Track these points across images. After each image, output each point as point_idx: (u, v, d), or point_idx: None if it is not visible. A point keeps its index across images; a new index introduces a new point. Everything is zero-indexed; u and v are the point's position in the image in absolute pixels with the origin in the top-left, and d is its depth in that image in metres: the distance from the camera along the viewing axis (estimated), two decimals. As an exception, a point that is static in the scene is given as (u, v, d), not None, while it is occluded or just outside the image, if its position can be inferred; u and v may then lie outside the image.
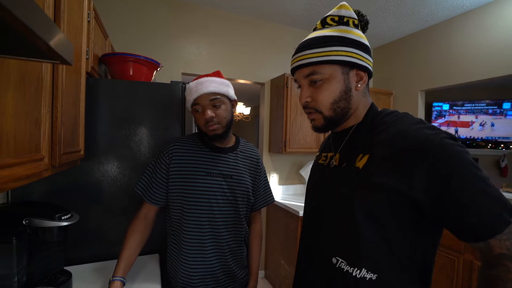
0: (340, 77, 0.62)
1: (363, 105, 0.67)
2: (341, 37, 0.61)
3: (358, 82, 0.64)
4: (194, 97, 0.97)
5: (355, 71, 0.63)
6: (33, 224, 0.79)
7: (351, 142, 0.66)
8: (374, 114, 0.65)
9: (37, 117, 0.63)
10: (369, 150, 0.59)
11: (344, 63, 0.61)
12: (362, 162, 0.59)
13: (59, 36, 0.38)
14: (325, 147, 0.78)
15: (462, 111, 4.11)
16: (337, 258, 0.61)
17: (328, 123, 0.65)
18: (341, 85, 0.62)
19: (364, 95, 0.66)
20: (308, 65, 0.63)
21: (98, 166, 1.22)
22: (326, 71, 0.62)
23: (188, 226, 0.98)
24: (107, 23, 2.03)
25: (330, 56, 0.60)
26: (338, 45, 0.61)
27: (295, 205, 2.35)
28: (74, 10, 0.89)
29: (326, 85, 0.62)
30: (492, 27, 2.26)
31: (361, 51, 0.62)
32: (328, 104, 0.63)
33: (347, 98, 0.63)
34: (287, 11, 2.54)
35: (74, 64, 0.94)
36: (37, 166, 0.63)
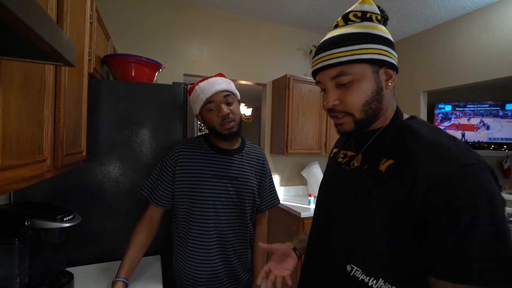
0: (371, 76, 0.57)
1: (391, 106, 0.62)
2: (368, 33, 0.57)
3: (387, 81, 0.59)
4: (207, 95, 0.97)
5: (384, 69, 0.59)
6: (35, 225, 0.79)
7: (376, 144, 0.61)
8: (401, 118, 0.62)
9: (40, 118, 0.63)
10: (394, 155, 0.55)
11: (374, 62, 0.57)
12: (385, 165, 0.56)
13: (62, 37, 0.38)
14: (344, 144, 0.73)
15: (469, 112, 4.09)
16: (352, 266, 0.57)
17: (358, 127, 0.60)
18: (373, 84, 0.57)
19: (392, 95, 0.62)
20: (336, 65, 0.57)
21: (100, 167, 1.22)
22: (356, 71, 0.57)
23: (194, 228, 0.98)
24: (109, 25, 2.04)
25: (360, 55, 0.56)
26: (366, 43, 0.56)
27: (296, 207, 2.34)
28: (77, 12, 0.89)
29: (357, 85, 0.57)
30: (495, 28, 2.25)
31: (388, 47, 0.58)
32: (360, 106, 0.58)
33: (379, 99, 0.58)
34: (288, 11, 2.54)
35: (77, 66, 0.94)
36: (39, 167, 0.63)
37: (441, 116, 4.19)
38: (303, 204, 2.45)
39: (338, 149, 0.75)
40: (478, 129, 4.06)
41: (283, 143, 2.50)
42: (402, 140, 0.56)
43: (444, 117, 4.18)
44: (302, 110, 2.53)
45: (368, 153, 0.62)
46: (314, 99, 2.59)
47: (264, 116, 2.87)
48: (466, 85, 2.50)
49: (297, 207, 2.32)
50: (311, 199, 2.43)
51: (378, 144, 0.61)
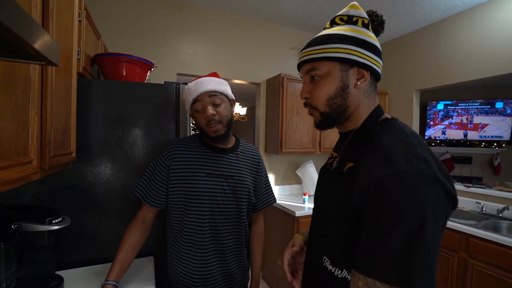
0: (338, 74, 0.61)
1: (365, 106, 0.64)
2: (343, 35, 0.61)
3: (358, 80, 0.62)
4: (194, 96, 0.96)
5: (355, 69, 0.61)
6: (22, 228, 0.77)
7: (348, 147, 0.65)
8: (375, 120, 0.63)
9: (25, 119, 0.61)
10: (355, 159, 0.58)
11: (342, 60, 0.60)
12: (346, 168, 0.60)
13: (44, 36, 0.36)
14: (336, 145, 0.78)
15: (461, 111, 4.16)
16: (324, 257, 0.62)
17: (324, 120, 0.65)
18: (338, 81, 0.61)
19: (367, 95, 0.64)
20: (309, 61, 0.64)
21: (90, 168, 1.20)
22: (324, 68, 0.62)
23: (189, 228, 0.97)
24: (101, 24, 2.01)
25: (328, 53, 0.61)
26: (338, 43, 0.60)
27: (291, 205, 2.35)
28: (64, 9, 0.87)
29: (324, 81, 0.62)
30: (484, 27, 2.28)
31: (364, 49, 0.61)
32: (324, 100, 0.63)
33: (344, 95, 0.62)
34: (283, 11, 2.54)
35: (65, 65, 0.92)
36: (25, 169, 0.61)
37: (442, 114, 4.24)
38: (298, 203, 2.46)
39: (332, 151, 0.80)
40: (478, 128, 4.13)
41: (278, 142, 2.50)
42: (363, 144, 0.59)
43: (445, 115, 4.23)
44: (296, 109, 2.54)
45: (342, 156, 0.66)
46: (308, 98, 2.59)
47: (258, 115, 2.86)
48: (457, 84, 2.53)
49: (292, 206, 2.32)
50: (305, 198, 2.43)
51: (349, 147, 0.64)
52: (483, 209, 2.23)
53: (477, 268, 1.80)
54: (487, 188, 2.36)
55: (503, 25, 2.16)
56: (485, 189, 2.33)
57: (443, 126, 4.26)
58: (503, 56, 2.16)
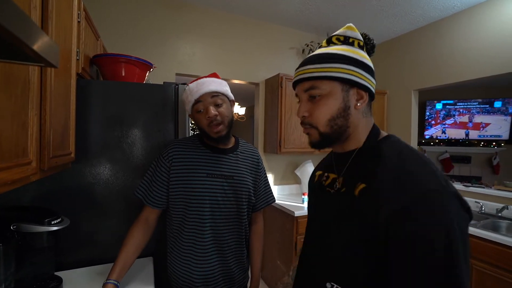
0: (339, 94, 0.61)
1: (364, 126, 0.65)
2: (343, 55, 0.61)
3: (358, 101, 0.62)
4: (195, 97, 0.96)
5: (355, 90, 0.62)
6: (21, 229, 0.77)
7: (353, 167, 0.64)
8: (375, 139, 0.64)
9: (24, 120, 0.61)
10: (367, 179, 0.57)
11: (344, 81, 0.60)
12: (358, 189, 0.58)
13: (43, 38, 0.37)
14: (327, 166, 0.75)
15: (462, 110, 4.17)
16: (331, 284, 0.60)
17: (323, 140, 0.64)
18: (340, 102, 0.61)
19: (365, 115, 0.65)
20: (309, 79, 0.62)
21: (89, 168, 1.20)
22: (325, 87, 0.61)
23: (190, 228, 0.98)
24: (100, 25, 2.00)
25: (330, 73, 0.60)
26: (340, 63, 0.60)
27: (290, 205, 2.35)
28: (63, 11, 0.87)
29: (324, 101, 0.61)
30: (483, 27, 2.29)
31: (363, 70, 0.61)
32: (325, 121, 0.62)
33: (345, 116, 0.62)
34: (281, 11, 2.54)
35: (64, 65, 0.92)
36: (24, 170, 0.61)
37: (443, 112, 4.26)
38: (297, 203, 2.46)
39: (322, 172, 0.76)
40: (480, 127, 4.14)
41: (277, 142, 2.50)
42: (372, 164, 0.59)
43: (446, 114, 4.25)
44: (295, 109, 2.54)
45: (346, 177, 0.64)
46: (307, 98, 2.59)
47: (257, 115, 2.86)
48: (456, 84, 2.54)
49: (291, 206, 2.32)
50: (304, 197, 2.43)
51: (355, 166, 0.63)
52: (482, 209, 2.24)
53: (476, 267, 1.80)
54: (486, 188, 2.36)
55: (500, 25, 2.17)
56: (484, 189, 2.34)
57: (445, 125, 4.27)
58: (501, 56, 2.17)
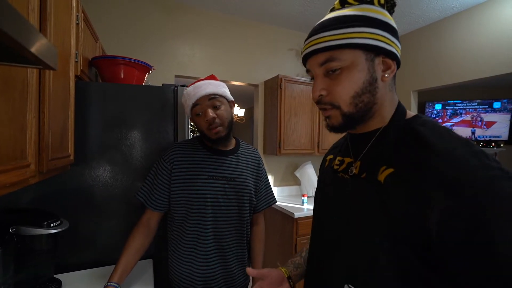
0: (364, 64, 0.50)
1: (390, 102, 0.54)
2: (365, 16, 0.50)
3: (385, 72, 0.51)
4: (193, 100, 0.97)
5: (381, 58, 0.51)
6: (20, 232, 0.77)
7: (375, 148, 0.53)
8: (403, 117, 0.53)
9: (23, 122, 0.61)
10: (395, 163, 0.48)
11: (368, 48, 0.49)
12: (384, 175, 0.48)
13: (41, 41, 0.37)
14: (341, 149, 0.65)
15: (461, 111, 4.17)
16: (349, 286, 0.51)
17: (347, 122, 0.53)
18: (365, 74, 0.50)
19: (391, 89, 0.54)
20: (325, 49, 0.50)
21: (89, 171, 1.20)
22: (346, 57, 0.50)
23: (192, 230, 0.98)
24: (99, 27, 2.01)
25: (352, 39, 0.49)
26: (362, 26, 0.49)
27: (290, 207, 2.35)
28: (62, 13, 0.87)
29: (346, 74, 0.50)
30: (482, 28, 2.30)
31: (389, 34, 0.51)
32: (349, 98, 0.51)
33: (372, 91, 0.51)
34: (281, 12, 2.54)
35: (63, 68, 0.92)
36: (22, 173, 0.61)
37: (450, 112, 4.26)
38: (297, 204, 2.46)
39: (334, 156, 0.66)
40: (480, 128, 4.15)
41: (276, 143, 2.50)
42: (405, 146, 0.48)
43: (453, 113, 4.25)
44: (294, 110, 2.54)
45: (366, 160, 0.54)
46: (306, 99, 2.60)
47: (256, 116, 2.86)
48: (455, 84, 2.54)
49: (290, 207, 2.32)
50: (304, 199, 2.43)
51: (377, 148, 0.53)
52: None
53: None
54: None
55: (499, 25, 2.18)
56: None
57: (451, 123, 4.26)
58: (500, 57, 2.17)
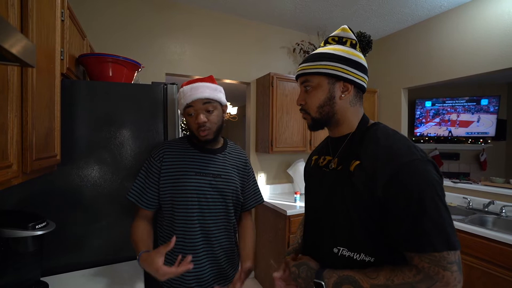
0: (326, 86, 0.74)
1: (353, 114, 0.77)
2: (331, 54, 0.74)
3: (343, 92, 0.74)
4: (188, 101, 0.98)
5: (341, 83, 0.74)
6: (3, 234, 0.75)
7: (347, 148, 0.75)
8: (366, 125, 0.76)
9: (3, 122, 0.59)
10: (360, 157, 0.69)
11: (329, 75, 0.73)
12: (353, 166, 0.69)
13: (16, 37, 0.35)
14: (323, 151, 0.87)
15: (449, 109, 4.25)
16: (338, 248, 0.71)
17: (315, 123, 0.79)
18: (325, 93, 0.74)
19: (353, 105, 0.76)
20: (303, 75, 0.77)
21: (77, 170, 1.18)
22: (315, 81, 0.75)
23: (179, 226, 0.98)
24: (88, 25, 1.97)
25: (318, 69, 0.74)
26: (327, 60, 0.73)
27: (283, 204, 2.35)
28: (45, 9, 0.85)
29: (314, 92, 0.75)
30: (469, 26, 2.33)
31: (349, 66, 0.73)
32: (315, 108, 0.76)
33: (331, 104, 0.75)
34: (272, 10, 2.54)
35: (47, 65, 0.90)
36: (4, 173, 0.59)
37: (433, 112, 4.34)
38: (289, 202, 2.46)
39: (319, 156, 0.88)
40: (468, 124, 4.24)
41: (268, 141, 2.50)
42: (366, 144, 0.71)
43: (435, 113, 4.33)
44: (286, 108, 2.54)
45: (341, 157, 0.76)
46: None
47: (249, 114, 2.86)
48: (444, 82, 2.58)
49: (283, 205, 2.32)
50: (297, 196, 2.44)
51: (349, 148, 0.75)
52: (470, 204, 2.28)
53: (464, 262, 1.84)
54: (474, 184, 2.42)
55: (487, 24, 2.22)
56: (471, 185, 2.39)
57: (434, 123, 4.35)
58: (487, 54, 2.21)
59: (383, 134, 0.70)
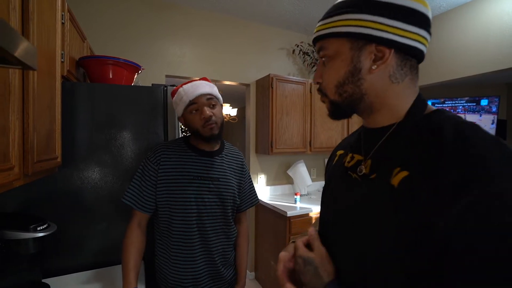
0: (347, 54, 0.48)
1: (399, 96, 0.49)
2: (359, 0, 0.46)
3: (375, 62, 0.47)
4: (191, 97, 0.98)
5: (373, 47, 0.46)
6: (5, 236, 0.75)
7: (388, 146, 0.49)
8: (421, 113, 0.48)
9: (4, 124, 0.60)
10: (410, 165, 0.42)
11: (353, 36, 0.46)
12: (398, 179, 0.43)
13: (20, 41, 0.36)
14: (354, 145, 0.60)
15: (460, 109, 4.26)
16: None
17: (335, 109, 0.53)
18: (347, 64, 0.48)
19: (396, 80, 0.48)
20: (318, 38, 0.52)
21: (77, 172, 1.18)
22: (332, 47, 0.49)
23: (177, 230, 0.98)
24: (88, 28, 1.98)
25: (334, 28, 0.48)
26: (349, 12, 0.46)
27: (283, 206, 2.35)
28: (46, 12, 0.85)
29: (331, 63, 0.50)
30: (468, 27, 2.34)
31: (387, 17, 0.44)
32: (333, 87, 0.50)
33: (356, 82, 0.48)
34: (271, 11, 2.55)
35: (48, 68, 0.90)
36: (5, 176, 0.60)
37: None
38: (290, 203, 2.46)
39: (345, 151, 0.62)
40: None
41: (268, 142, 2.50)
42: (422, 145, 0.43)
43: None
44: (286, 109, 2.55)
45: (377, 159, 0.50)
46: (298, 98, 2.61)
47: (248, 116, 2.86)
48: (444, 82, 2.59)
49: (283, 206, 2.33)
50: (297, 197, 2.44)
51: (390, 146, 0.48)
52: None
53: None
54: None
55: (485, 24, 2.23)
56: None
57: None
58: (486, 55, 2.22)
59: (457, 132, 0.41)
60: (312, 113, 2.69)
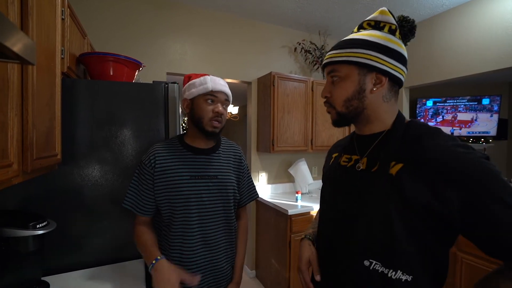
0: (356, 77, 0.65)
1: (387, 111, 0.67)
2: (364, 40, 0.64)
3: (375, 85, 0.65)
4: (215, 88, 0.97)
5: (374, 74, 0.64)
6: (4, 234, 0.74)
7: (381, 147, 0.66)
8: (403, 123, 0.66)
9: (3, 120, 0.59)
10: (403, 159, 0.60)
11: (361, 65, 0.64)
12: (395, 169, 0.59)
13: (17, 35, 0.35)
14: (346, 148, 0.78)
15: (449, 108, 4.24)
16: (370, 261, 0.61)
17: (340, 118, 0.70)
18: (355, 85, 0.65)
19: (386, 100, 0.67)
20: (331, 63, 0.68)
21: (77, 170, 1.18)
22: (343, 70, 0.66)
23: (177, 230, 0.97)
24: (90, 24, 1.97)
25: (348, 57, 0.64)
26: (359, 48, 0.64)
27: (284, 204, 2.35)
28: (45, 7, 0.84)
29: (342, 83, 0.67)
30: (471, 25, 2.32)
31: (385, 55, 0.63)
32: (341, 101, 0.67)
33: (360, 98, 0.65)
34: (273, 9, 2.53)
35: (47, 64, 0.89)
36: (4, 172, 0.59)
37: (432, 111, 4.32)
38: (291, 201, 2.46)
39: (339, 154, 0.79)
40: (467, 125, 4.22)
41: (270, 141, 2.49)
42: (408, 145, 0.61)
43: (435, 112, 4.31)
44: (287, 107, 2.53)
45: (373, 157, 0.66)
46: (299, 97, 2.60)
47: (250, 114, 2.85)
48: (445, 81, 2.57)
49: (284, 205, 2.32)
50: (298, 196, 2.44)
51: (383, 147, 0.65)
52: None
53: (466, 261, 1.83)
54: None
55: (488, 22, 2.21)
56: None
57: (435, 122, 4.33)
58: (488, 54, 2.20)
59: (427, 133, 0.61)
60: (313, 111, 2.67)
